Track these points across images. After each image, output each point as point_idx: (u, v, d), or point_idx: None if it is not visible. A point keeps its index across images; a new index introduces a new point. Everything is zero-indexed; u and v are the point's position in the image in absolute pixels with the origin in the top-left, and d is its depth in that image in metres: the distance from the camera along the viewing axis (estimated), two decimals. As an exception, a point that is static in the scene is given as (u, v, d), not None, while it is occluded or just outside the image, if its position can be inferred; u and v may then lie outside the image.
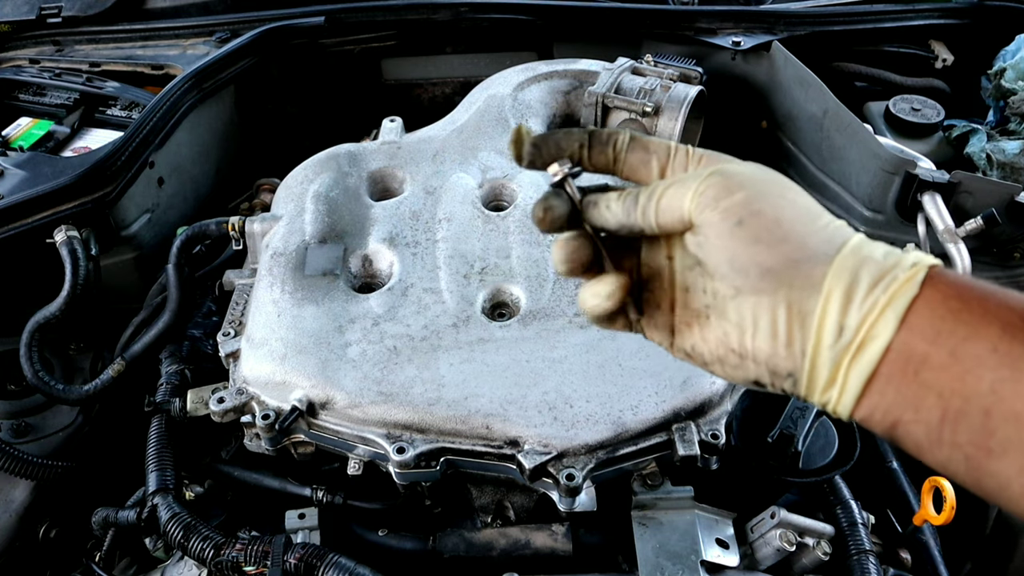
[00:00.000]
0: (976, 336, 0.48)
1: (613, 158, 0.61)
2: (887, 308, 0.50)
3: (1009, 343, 0.47)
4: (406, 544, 1.16)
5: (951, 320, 0.49)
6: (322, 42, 1.90)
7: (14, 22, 1.94)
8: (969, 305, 0.49)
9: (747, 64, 1.84)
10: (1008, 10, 1.94)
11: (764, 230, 0.53)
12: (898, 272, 0.50)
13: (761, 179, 0.56)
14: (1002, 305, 0.48)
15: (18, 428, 1.37)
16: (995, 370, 0.47)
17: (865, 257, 0.51)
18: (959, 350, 0.48)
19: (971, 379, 0.47)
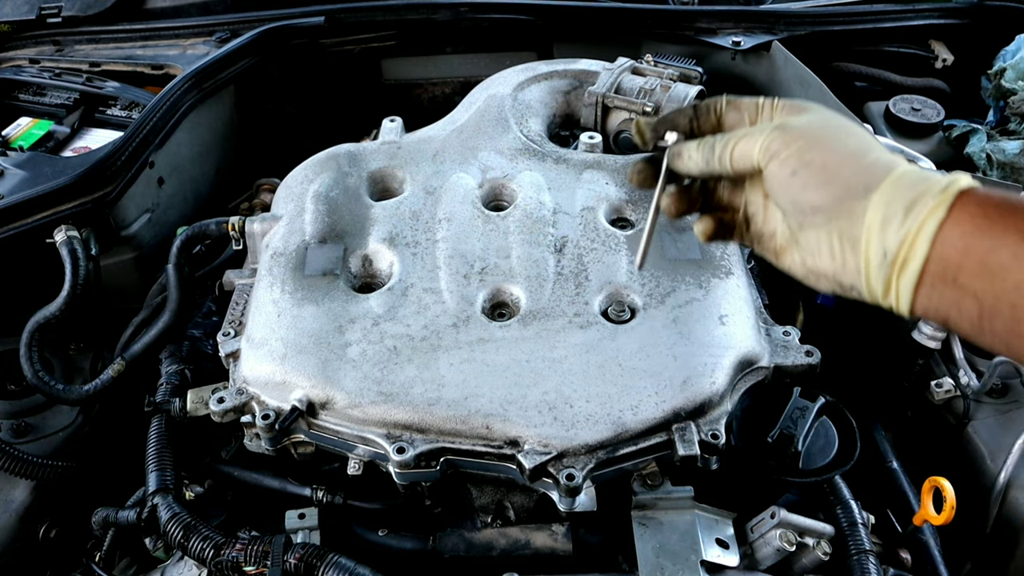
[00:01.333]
0: (1000, 246, 0.57)
1: (717, 121, 0.75)
2: (920, 232, 0.60)
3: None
4: (406, 544, 1.16)
5: (978, 235, 0.58)
6: (322, 42, 1.90)
7: (14, 22, 1.94)
8: (993, 220, 0.58)
9: (747, 64, 1.84)
10: (1008, 10, 1.94)
11: (813, 176, 0.66)
12: (928, 199, 0.60)
13: (817, 128, 0.67)
14: (1022, 218, 0.57)
15: (18, 428, 1.37)
16: (1017, 273, 0.56)
17: (902, 187, 0.62)
18: (986, 259, 0.58)
19: (998, 281, 0.57)
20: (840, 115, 0.70)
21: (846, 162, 0.65)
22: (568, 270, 1.24)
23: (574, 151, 1.49)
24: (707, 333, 1.15)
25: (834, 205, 0.65)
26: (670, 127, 0.77)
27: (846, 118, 0.70)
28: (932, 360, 1.45)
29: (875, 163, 0.65)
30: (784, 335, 1.21)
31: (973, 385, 1.37)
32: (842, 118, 0.70)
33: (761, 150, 0.69)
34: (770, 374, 1.17)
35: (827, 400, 1.18)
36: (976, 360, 1.42)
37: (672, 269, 1.24)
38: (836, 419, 1.19)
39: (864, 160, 0.65)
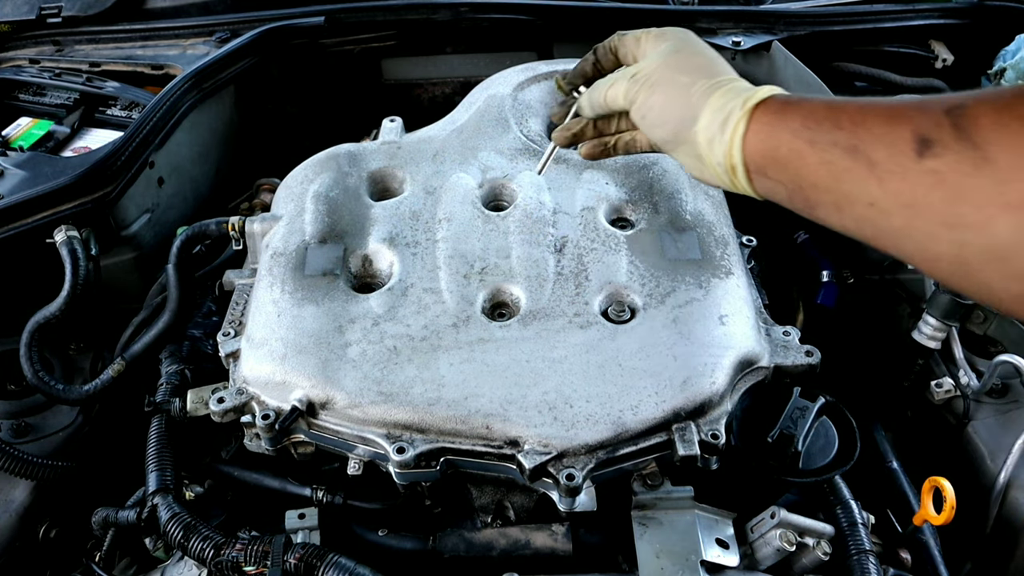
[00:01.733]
0: (780, 144, 0.73)
1: (615, 59, 0.96)
2: (732, 144, 0.78)
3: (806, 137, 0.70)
4: (406, 544, 1.16)
5: (768, 137, 0.74)
6: (322, 42, 1.90)
7: (14, 22, 1.94)
8: (774, 124, 0.74)
9: (747, 64, 1.84)
10: (1008, 10, 1.94)
11: (656, 118, 0.87)
12: (733, 117, 0.78)
13: (660, 69, 0.87)
14: (803, 111, 0.72)
15: (18, 428, 1.36)
16: (797, 163, 0.71)
17: (716, 110, 0.80)
18: (775, 155, 0.74)
19: (788, 171, 0.72)
20: (688, 41, 0.89)
21: (678, 100, 0.84)
22: (568, 270, 1.24)
23: (574, 151, 1.49)
24: (707, 333, 1.15)
25: (676, 137, 0.85)
26: (580, 77, 1.01)
27: (692, 44, 0.89)
28: (932, 360, 1.45)
29: (699, 94, 0.82)
30: (784, 335, 1.21)
31: (973, 385, 1.37)
32: (688, 44, 0.88)
33: (623, 98, 0.89)
34: (770, 374, 1.17)
35: (827, 400, 1.18)
36: (976, 360, 1.42)
37: (672, 269, 1.24)
38: (836, 419, 1.19)
39: (691, 94, 0.82)
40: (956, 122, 0.57)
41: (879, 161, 0.62)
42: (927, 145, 0.58)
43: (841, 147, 0.66)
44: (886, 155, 0.62)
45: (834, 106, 0.69)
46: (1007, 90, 0.56)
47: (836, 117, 0.68)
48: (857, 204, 0.65)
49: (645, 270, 1.24)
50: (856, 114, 0.66)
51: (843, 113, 0.67)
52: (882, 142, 0.62)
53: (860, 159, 0.64)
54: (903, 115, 0.62)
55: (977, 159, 0.55)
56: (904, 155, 0.60)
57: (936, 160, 0.58)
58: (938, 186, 0.57)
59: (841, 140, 0.66)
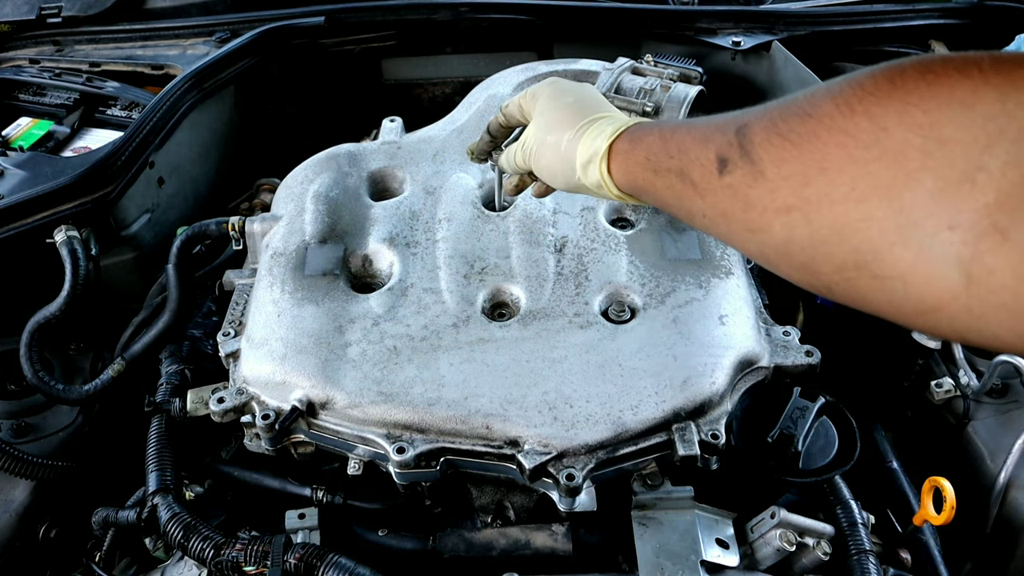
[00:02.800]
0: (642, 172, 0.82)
1: (507, 129, 1.13)
2: (605, 182, 0.88)
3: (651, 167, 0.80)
4: (406, 544, 1.16)
5: (629, 172, 0.85)
6: (322, 42, 1.90)
7: (14, 22, 1.94)
8: (633, 153, 0.84)
9: (747, 64, 1.84)
10: (1008, 10, 1.94)
11: (546, 173, 1.00)
12: (593, 162, 0.89)
13: (537, 135, 0.99)
14: (645, 144, 0.82)
15: (18, 428, 1.36)
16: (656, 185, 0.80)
17: (583, 157, 0.90)
18: (638, 182, 0.84)
19: (652, 194, 0.81)
20: (554, 94, 0.99)
21: (555, 159, 0.95)
22: (568, 270, 1.24)
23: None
24: (707, 333, 1.15)
25: (570, 186, 0.96)
26: (484, 153, 1.18)
27: (557, 97, 0.99)
28: (932, 360, 1.45)
29: (567, 147, 0.93)
30: (784, 335, 1.21)
31: (973, 385, 1.37)
32: (553, 98, 0.99)
33: (523, 164, 1.04)
34: (770, 374, 1.17)
35: (827, 400, 1.18)
36: (976, 360, 1.42)
37: (672, 269, 1.24)
38: (836, 419, 1.19)
39: (562, 150, 0.94)
40: (740, 141, 0.65)
41: (697, 181, 0.71)
42: (724, 164, 0.67)
43: (674, 173, 0.75)
44: (700, 175, 0.71)
45: (667, 135, 0.78)
46: (776, 106, 0.63)
47: (667, 147, 0.77)
48: (696, 216, 0.74)
49: (645, 270, 1.24)
50: (680, 140, 0.75)
51: (672, 141, 0.76)
52: (696, 164, 0.71)
53: (687, 180, 0.73)
54: (710, 137, 0.70)
55: (755, 172, 0.63)
56: (711, 173, 0.69)
57: (730, 176, 0.66)
58: (735, 198, 0.66)
59: (673, 166, 0.75)
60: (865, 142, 0.53)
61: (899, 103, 0.51)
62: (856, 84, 0.55)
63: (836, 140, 0.55)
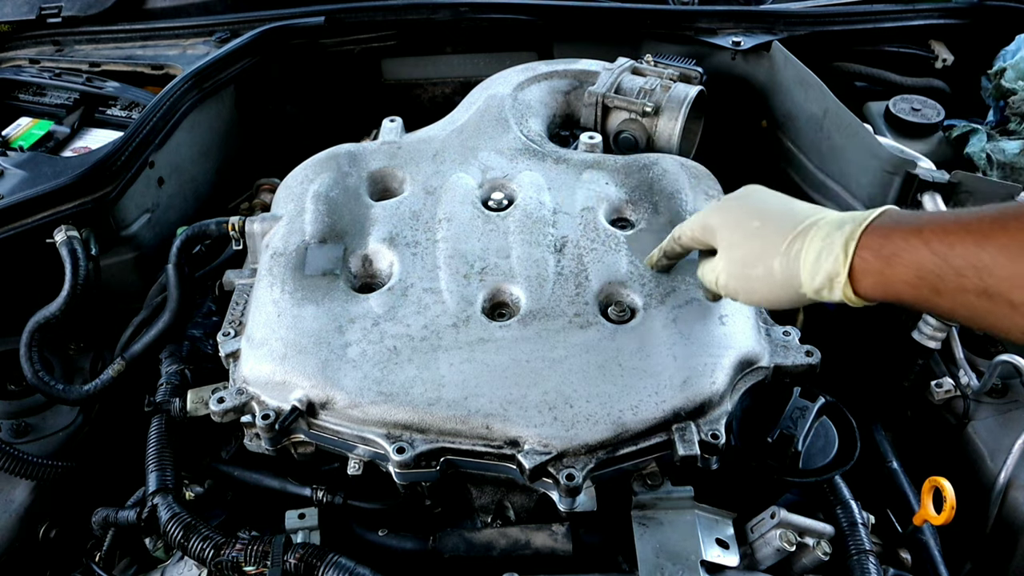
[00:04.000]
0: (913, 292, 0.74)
1: (686, 250, 1.11)
2: (847, 297, 0.80)
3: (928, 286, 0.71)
4: (406, 544, 1.16)
5: (889, 289, 0.76)
6: (322, 42, 1.90)
7: (14, 22, 1.94)
8: (894, 271, 0.75)
9: (747, 64, 1.84)
10: (1008, 10, 1.94)
11: (762, 302, 0.95)
12: (836, 281, 0.79)
13: (733, 266, 0.94)
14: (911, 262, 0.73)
15: (18, 428, 1.36)
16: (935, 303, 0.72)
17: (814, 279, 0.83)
18: (903, 297, 0.76)
19: (922, 307, 0.78)
20: (736, 226, 0.94)
21: (771, 288, 0.89)
22: (568, 270, 1.24)
23: (574, 151, 1.49)
24: (707, 333, 1.15)
25: (794, 305, 0.91)
26: (667, 268, 1.19)
27: (736, 221, 0.94)
28: (932, 360, 1.45)
29: (783, 272, 0.87)
30: (784, 335, 1.21)
31: (973, 385, 1.37)
32: (740, 231, 0.93)
33: (720, 293, 1.01)
34: (770, 374, 1.17)
35: (827, 400, 1.18)
36: (976, 360, 1.42)
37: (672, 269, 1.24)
38: (836, 419, 1.19)
39: (783, 283, 0.87)
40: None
41: (1019, 302, 0.63)
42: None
43: (972, 293, 0.66)
44: (1023, 296, 0.63)
45: (941, 249, 0.68)
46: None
47: (952, 263, 0.67)
48: (1012, 331, 0.67)
49: (645, 270, 1.24)
50: (972, 256, 0.66)
51: (956, 257, 0.67)
52: (1014, 283, 0.63)
53: (998, 301, 0.65)
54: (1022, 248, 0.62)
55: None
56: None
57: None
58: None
59: (969, 286, 0.67)
60: None
61: None
62: None
63: None
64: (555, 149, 1.48)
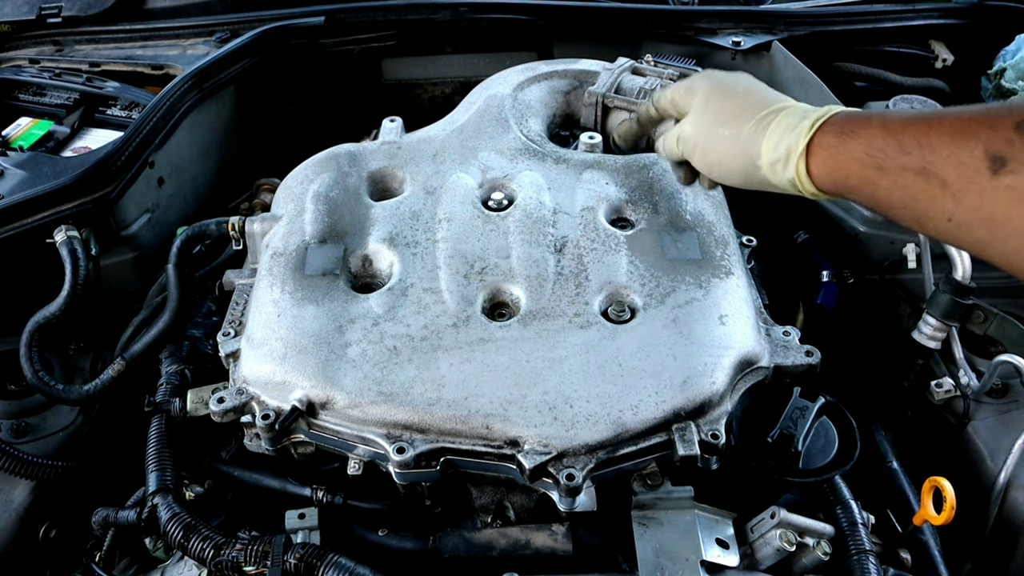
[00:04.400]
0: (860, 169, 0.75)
1: (659, 116, 1.12)
2: (800, 177, 0.82)
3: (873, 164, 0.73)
4: (406, 544, 1.16)
5: (839, 168, 0.78)
6: (322, 42, 1.90)
7: (14, 22, 1.94)
8: (846, 147, 0.77)
9: (747, 64, 1.84)
10: (1008, 10, 1.94)
11: (718, 170, 0.95)
12: (793, 153, 0.81)
13: (704, 125, 0.95)
14: (863, 137, 0.75)
15: (18, 428, 1.36)
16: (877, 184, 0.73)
17: (774, 152, 0.84)
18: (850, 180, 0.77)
19: (866, 193, 0.75)
20: (717, 87, 0.95)
21: (732, 153, 0.90)
22: (568, 270, 1.24)
23: (574, 151, 1.49)
24: (707, 333, 1.15)
25: (747, 182, 0.92)
26: (635, 139, 1.24)
27: (722, 89, 0.95)
28: (932, 360, 1.45)
29: (749, 139, 0.88)
30: (784, 335, 1.21)
31: (973, 385, 1.37)
32: (717, 90, 0.95)
33: (680, 153, 1.02)
34: (770, 374, 1.17)
35: (827, 400, 1.18)
36: (976, 360, 1.42)
37: (672, 269, 1.24)
38: (836, 419, 1.19)
39: (742, 143, 0.88)
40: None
41: (952, 181, 0.64)
42: (1001, 163, 0.60)
43: (911, 171, 0.67)
44: (958, 175, 0.63)
45: (894, 128, 0.70)
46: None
47: (899, 140, 0.69)
48: (936, 220, 0.67)
49: (645, 270, 1.24)
50: (920, 135, 0.67)
51: (906, 135, 0.69)
52: (951, 162, 0.64)
53: (932, 180, 0.65)
54: (970, 132, 0.63)
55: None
56: (978, 173, 0.62)
57: (1012, 177, 0.60)
58: (1017, 202, 0.60)
59: (910, 163, 0.68)
60: None
61: None
62: None
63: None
64: (555, 149, 1.48)
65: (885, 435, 1.39)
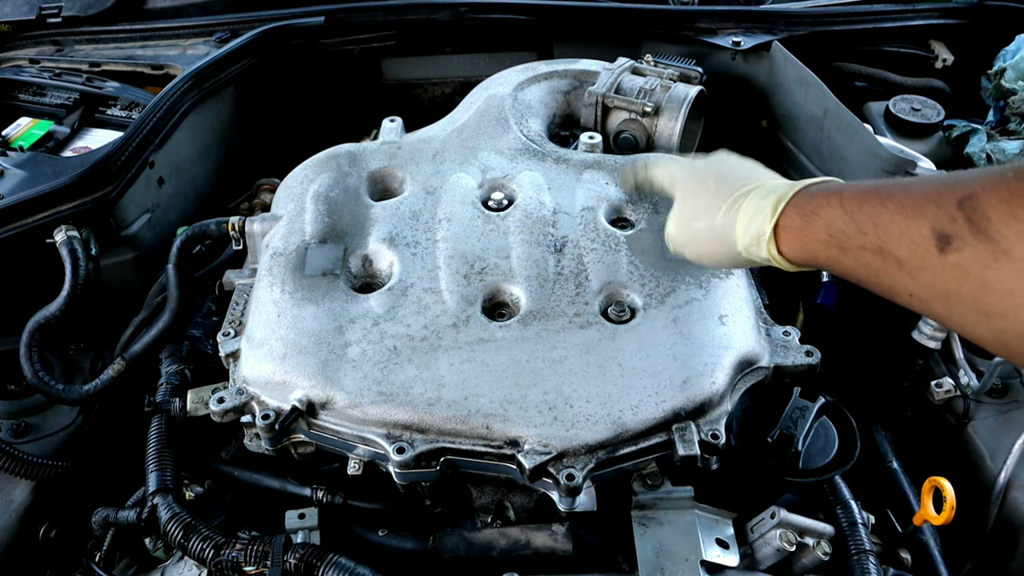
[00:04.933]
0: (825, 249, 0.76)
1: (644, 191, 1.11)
2: (773, 258, 0.83)
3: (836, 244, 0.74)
4: (406, 544, 1.16)
5: (806, 249, 0.79)
6: (322, 42, 1.90)
7: (14, 22, 1.94)
8: (811, 229, 0.78)
9: (747, 64, 1.84)
10: (1008, 10, 1.94)
11: (707, 260, 0.97)
12: (762, 240, 0.82)
13: (682, 220, 0.97)
14: (825, 219, 0.76)
15: (18, 428, 1.36)
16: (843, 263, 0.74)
17: (745, 237, 0.85)
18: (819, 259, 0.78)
19: (836, 269, 0.76)
20: (692, 181, 0.97)
21: (712, 245, 0.92)
22: (568, 270, 1.24)
23: (574, 151, 1.49)
24: (707, 333, 1.15)
25: (733, 265, 0.96)
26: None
27: (694, 182, 0.97)
28: (932, 360, 1.45)
29: (723, 229, 0.89)
30: (784, 335, 1.21)
31: (973, 385, 1.37)
32: (690, 182, 0.97)
33: (672, 249, 1.02)
34: (770, 374, 1.17)
35: (827, 400, 1.18)
36: (976, 360, 1.42)
37: (672, 269, 1.24)
38: (836, 419, 1.19)
39: (716, 235, 0.90)
40: (969, 216, 0.59)
41: (905, 259, 0.65)
42: (946, 241, 0.61)
43: (869, 250, 0.69)
44: (910, 253, 0.64)
45: (851, 207, 0.71)
46: (1010, 175, 0.57)
47: (856, 220, 0.70)
48: (900, 295, 0.68)
49: (645, 270, 1.24)
50: (875, 214, 0.68)
51: (861, 215, 0.70)
52: (904, 241, 0.65)
53: (888, 259, 0.67)
54: (919, 211, 0.64)
55: (995, 251, 0.57)
56: (927, 251, 0.62)
57: (957, 255, 0.60)
58: (965, 279, 0.59)
59: (867, 243, 0.69)
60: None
61: None
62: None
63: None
64: (555, 149, 1.48)
65: (885, 435, 1.39)
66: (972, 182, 0.60)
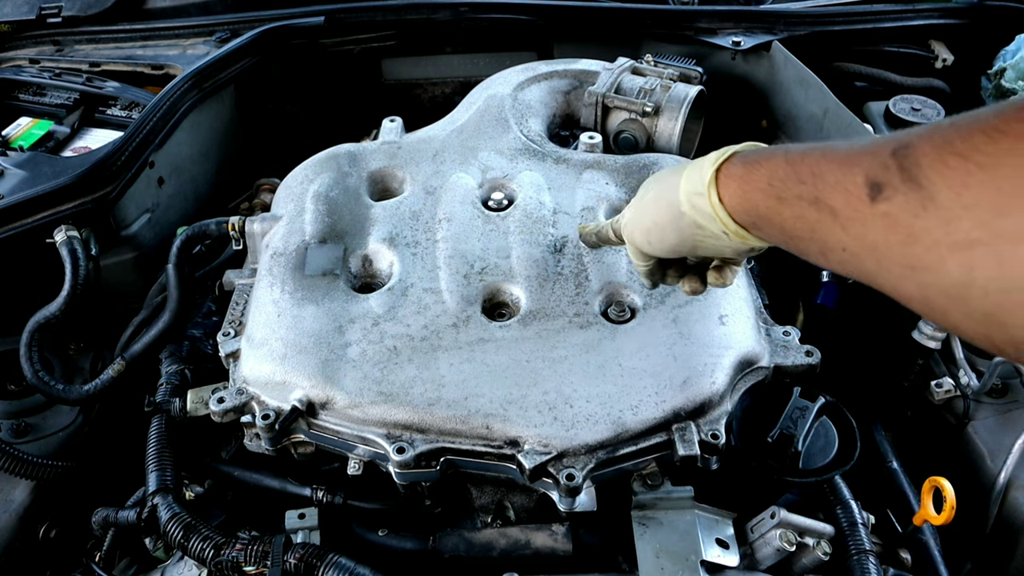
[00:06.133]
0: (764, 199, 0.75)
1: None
2: (716, 211, 0.82)
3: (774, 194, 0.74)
4: (406, 544, 1.16)
5: (747, 198, 0.78)
6: (322, 42, 1.90)
7: (14, 22, 1.94)
8: (751, 178, 0.77)
9: (747, 64, 1.84)
10: (1008, 10, 1.94)
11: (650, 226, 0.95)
12: (701, 186, 0.83)
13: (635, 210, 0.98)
14: (766, 168, 0.75)
15: (18, 428, 1.36)
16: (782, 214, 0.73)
17: (688, 195, 0.86)
18: (760, 209, 0.77)
19: (776, 224, 0.75)
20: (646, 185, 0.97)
21: (661, 209, 0.91)
22: (568, 270, 1.24)
23: (574, 151, 1.49)
24: (707, 333, 1.15)
25: (674, 235, 0.91)
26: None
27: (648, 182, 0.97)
28: (932, 360, 1.45)
29: (666, 197, 0.89)
30: (784, 335, 1.21)
31: (973, 385, 1.37)
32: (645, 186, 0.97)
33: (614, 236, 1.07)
34: (770, 374, 1.17)
35: (827, 400, 1.18)
36: (976, 360, 1.42)
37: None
38: (836, 419, 1.19)
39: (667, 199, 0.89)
40: (901, 163, 0.57)
41: (839, 209, 0.64)
42: (878, 189, 0.59)
43: (806, 200, 0.68)
44: (843, 202, 0.63)
45: (794, 158, 0.71)
46: (946, 124, 0.55)
47: (797, 170, 0.69)
48: (834, 250, 0.66)
49: (645, 270, 1.23)
50: (814, 164, 0.67)
51: (802, 165, 0.69)
52: (838, 189, 0.64)
53: (823, 209, 0.65)
54: (855, 160, 0.62)
55: (923, 199, 0.55)
56: (859, 200, 0.61)
57: (887, 203, 0.58)
58: (892, 229, 0.58)
59: (804, 193, 0.68)
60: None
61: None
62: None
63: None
64: (555, 149, 1.48)
65: (885, 435, 1.39)
66: (910, 133, 0.59)
